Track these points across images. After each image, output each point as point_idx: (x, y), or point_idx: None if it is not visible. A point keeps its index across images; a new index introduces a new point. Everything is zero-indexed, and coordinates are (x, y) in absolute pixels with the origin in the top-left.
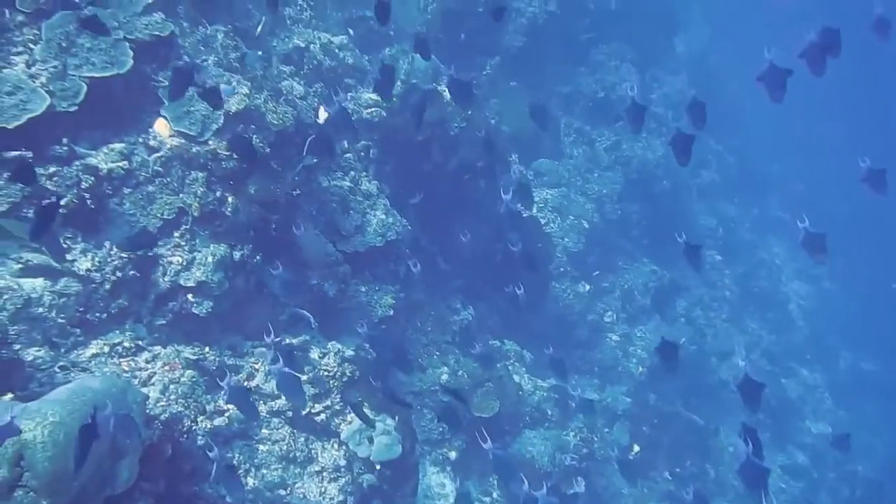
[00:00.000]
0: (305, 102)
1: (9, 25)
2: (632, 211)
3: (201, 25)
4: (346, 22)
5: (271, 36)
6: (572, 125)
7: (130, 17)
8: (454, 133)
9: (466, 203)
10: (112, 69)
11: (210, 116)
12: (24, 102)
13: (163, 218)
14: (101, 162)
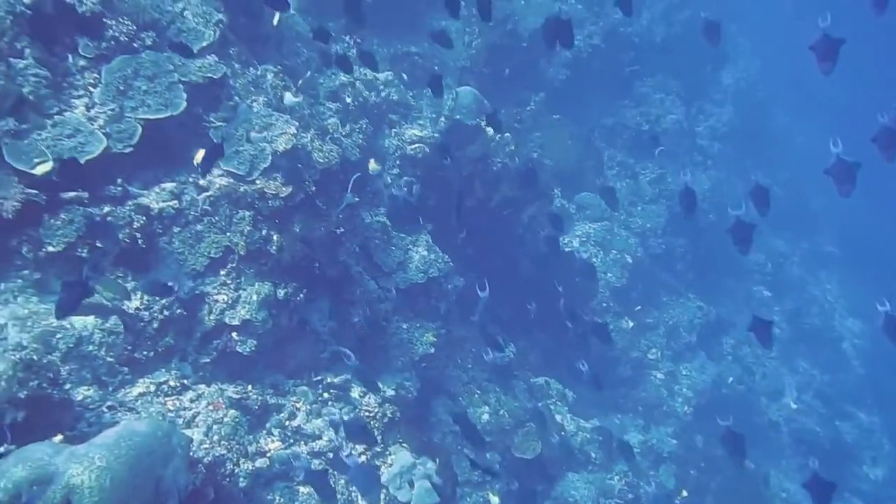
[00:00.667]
0: (350, 140)
1: (71, 70)
2: (676, 245)
3: (252, 66)
4: (392, 58)
5: (318, 73)
6: (615, 158)
7: (185, 61)
8: (497, 168)
9: (509, 238)
10: (166, 111)
11: (258, 156)
12: (82, 145)
13: (210, 256)
14: (152, 201)
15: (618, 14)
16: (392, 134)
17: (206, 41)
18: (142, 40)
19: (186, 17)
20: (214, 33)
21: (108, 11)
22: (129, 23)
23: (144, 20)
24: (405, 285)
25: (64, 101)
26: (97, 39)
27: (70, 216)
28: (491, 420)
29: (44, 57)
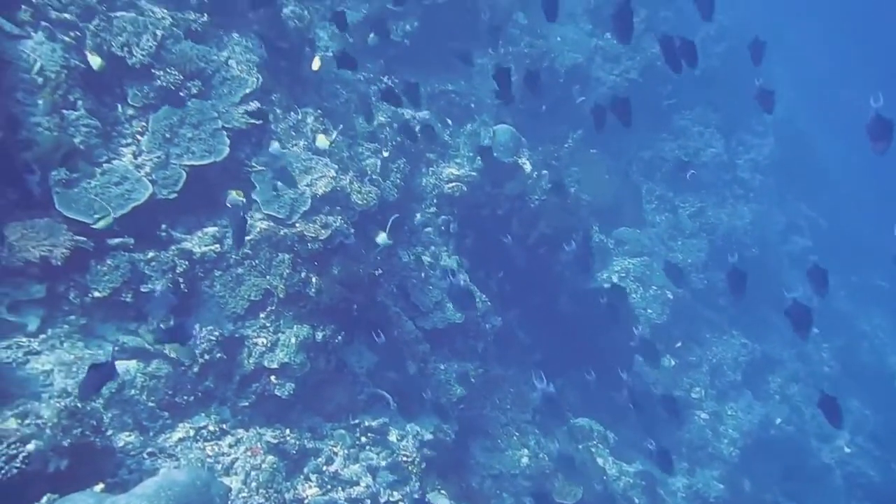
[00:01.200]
0: (389, 181)
1: (120, 119)
2: (718, 280)
3: (293, 111)
4: (429, 97)
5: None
6: (654, 191)
7: (229, 107)
8: (534, 206)
9: (547, 275)
10: (210, 157)
11: (298, 200)
12: (129, 192)
13: (250, 300)
14: (195, 246)
15: (654, 48)
16: (429, 173)
17: (249, 88)
18: (188, 89)
19: (231, 66)
20: (257, 80)
21: (156, 62)
22: (177, 72)
23: (190, 69)
24: (443, 325)
25: (113, 150)
26: (146, 89)
27: (116, 262)
28: (531, 464)
29: (95, 107)
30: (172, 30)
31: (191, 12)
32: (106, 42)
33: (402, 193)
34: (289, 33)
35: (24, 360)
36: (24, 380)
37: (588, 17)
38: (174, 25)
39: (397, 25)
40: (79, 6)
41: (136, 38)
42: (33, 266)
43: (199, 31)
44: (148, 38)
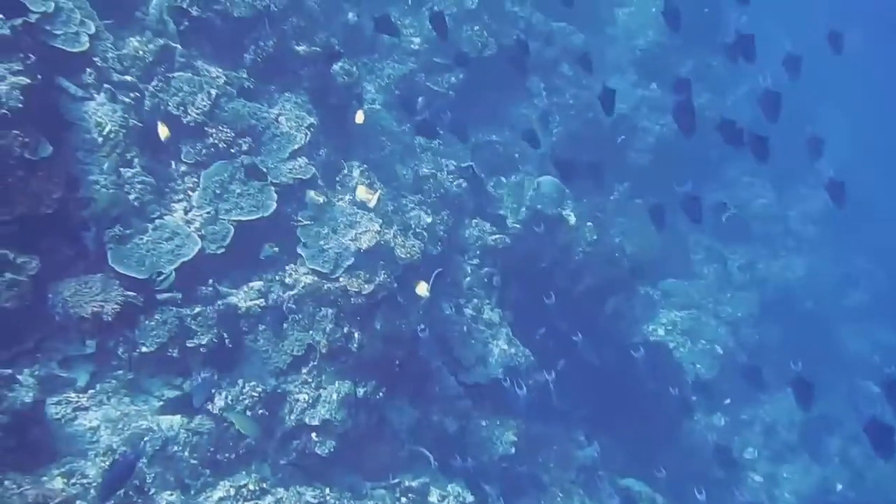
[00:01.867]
0: (432, 234)
1: (174, 175)
2: (771, 335)
3: (339, 166)
4: (473, 147)
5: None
6: (702, 243)
7: (277, 163)
8: (579, 258)
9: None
10: (258, 212)
11: (342, 254)
12: (178, 248)
13: (293, 354)
14: (240, 301)
15: (702, 97)
16: (473, 224)
17: (298, 144)
18: (239, 146)
19: (280, 122)
20: (305, 136)
21: (210, 120)
22: (228, 130)
23: (242, 127)
24: (485, 380)
25: (165, 205)
26: (199, 146)
27: (164, 317)
28: None
29: (150, 164)
30: (226, 88)
31: (244, 70)
32: (163, 102)
33: (445, 245)
34: (337, 88)
35: (72, 417)
36: (72, 437)
37: (634, 69)
38: (228, 84)
39: (443, 77)
40: (139, 68)
41: (191, 97)
42: (86, 321)
43: (251, 88)
44: (203, 97)
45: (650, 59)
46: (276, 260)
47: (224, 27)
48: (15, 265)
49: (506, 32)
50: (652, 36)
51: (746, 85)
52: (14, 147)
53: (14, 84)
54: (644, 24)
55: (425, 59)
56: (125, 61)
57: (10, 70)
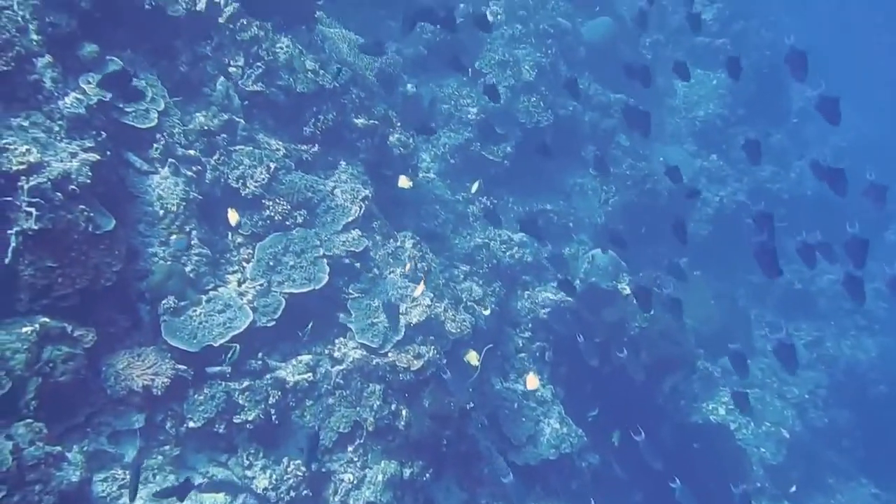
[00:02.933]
0: (482, 308)
1: (230, 247)
2: (841, 418)
3: (392, 238)
4: (526, 214)
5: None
6: (764, 318)
7: (331, 235)
8: (634, 333)
9: (648, 409)
10: (309, 285)
11: (392, 328)
12: (230, 320)
13: (339, 432)
14: (288, 374)
15: (764, 171)
16: (525, 296)
17: (352, 216)
18: (294, 218)
19: (336, 195)
20: (360, 209)
21: (267, 193)
22: (285, 202)
23: (298, 199)
24: (536, 461)
25: (220, 277)
26: (255, 218)
27: (212, 391)
28: None
29: (207, 236)
30: (285, 161)
31: (303, 143)
32: (223, 175)
33: (496, 318)
34: (393, 160)
35: (117, 496)
36: None
37: (693, 139)
38: (287, 156)
39: (498, 147)
40: (203, 142)
41: (251, 170)
42: (135, 395)
43: (309, 160)
44: (261, 170)
45: (710, 130)
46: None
47: (287, 101)
48: (72, 338)
49: (562, 103)
50: (712, 108)
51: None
52: (80, 222)
53: (84, 161)
54: (705, 96)
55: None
56: (190, 136)
57: (82, 147)
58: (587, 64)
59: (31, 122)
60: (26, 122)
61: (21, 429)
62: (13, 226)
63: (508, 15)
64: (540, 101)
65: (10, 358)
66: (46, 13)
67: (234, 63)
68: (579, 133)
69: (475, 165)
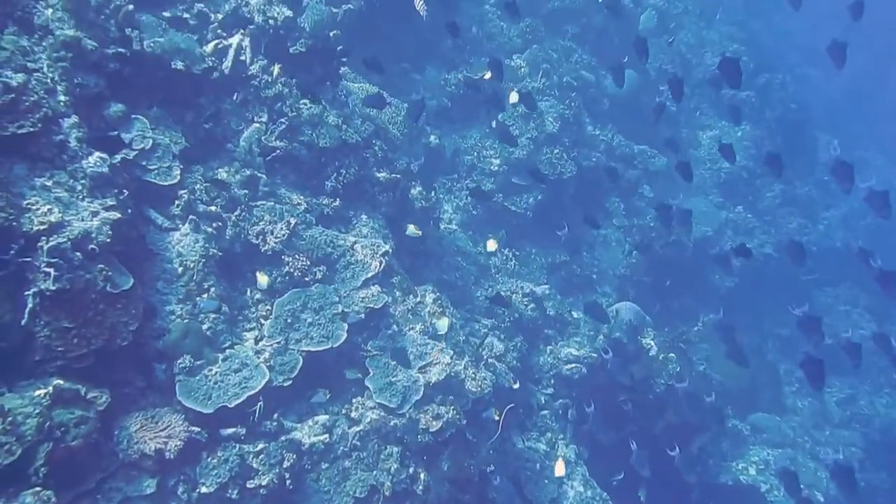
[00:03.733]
0: (503, 365)
1: (248, 303)
2: (878, 481)
3: (412, 294)
4: (549, 267)
5: (476, 285)
6: (794, 374)
7: (350, 291)
8: (660, 391)
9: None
10: (327, 343)
11: (410, 388)
12: (246, 379)
13: (355, 496)
14: (304, 436)
15: (792, 223)
16: (547, 351)
17: (371, 272)
18: (313, 274)
19: (356, 250)
20: (380, 265)
21: (287, 249)
22: (305, 258)
23: (318, 255)
24: None
25: (237, 334)
26: (274, 274)
27: (226, 454)
28: None
29: (226, 293)
30: (305, 216)
31: (325, 197)
32: (244, 231)
33: (517, 374)
34: (414, 213)
35: None
36: None
37: (719, 191)
38: (308, 211)
39: (521, 198)
40: (224, 198)
41: (271, 226)
42: (148, 458)
43: (330, 214)
44: (282, 226)
45: (736, 181)
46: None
47: (309, 156)
48: (85, 400)
49: (585, 155)
50: (738, 159)
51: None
52: (98, 281)
53: (105, 219)
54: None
55: (503, 179)
56: (212, 192)
57: (103, 205)
58: (611, 116)
59: (54, 181)
60: (50, 181)
61: (29, 497)
62: (31, 286)
63: (532, 68)
64: (563, 152)
65: (21, 423)
66: (76, 74)
67: (258, 119)
68: (603, 184)
69: (498, 216)
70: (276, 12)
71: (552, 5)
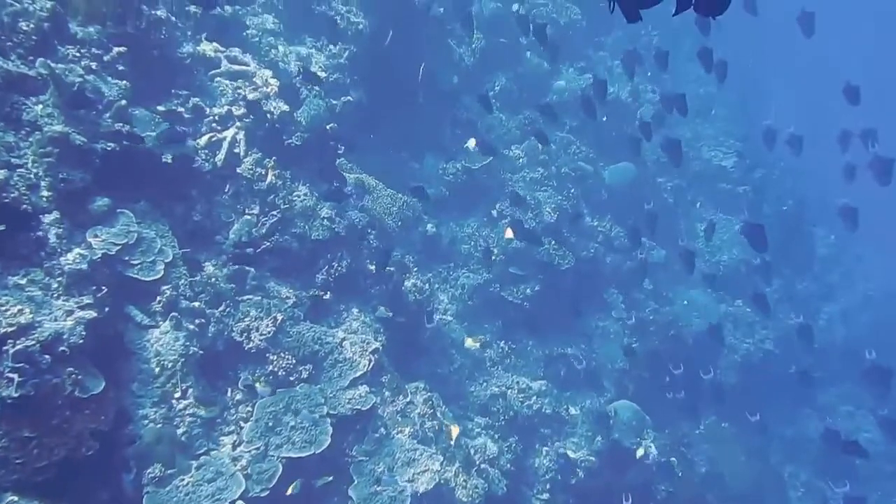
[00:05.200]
0: (496, 470)
1: (228, 404)
2: None
3: (402, 394)
4: (546, 360)
5: (470, 380)
6: (799, 476)
7: (336, 391)
8: (661, 497)
9: None
10: (310, 448)
11: (397, 498)
12: (220, 490)
13: None
14: None
15: (792, 318)
16: (543, 452)
17: (360, 371)
18: (299, 373)
19: (345, 347)
20: (369, 363)
21: (272, 346)
22: (290, 357)
23: (304, 353)
24: None
25: (214, 439)
26: (258, 373)
27: None
28: None
29: (205, 394)
30: (293, 311)
31: (315, 290)
32: (228, 327)
33: (511, 479)
34: (408, 306)
35: None
36: None
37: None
38: (297, 304)
39: (518, 288)
40: (210, 293)
41: (256, 322)
42: None
43: (320, 307)
44: (268, 322)
45: (734, 275)
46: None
47: (300, 248)
48: None
49: (583, 245)
50: (736, 253)
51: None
52: (66, 385)
53: (79, 319)
54: (727, 240)
55: (501, 269)
56: (197, 287)
57: (80, 304)
58: (609, 206)
59: (28, 279)
60: (24, 279)
61: None
62: None
63: (530, 158)
64: (561, 244)
65: None
66: (62, 169)
67: (249, 211)
68: (601, 275)
69: (494, 307)
70: (273, 106)
71: (551, 99)
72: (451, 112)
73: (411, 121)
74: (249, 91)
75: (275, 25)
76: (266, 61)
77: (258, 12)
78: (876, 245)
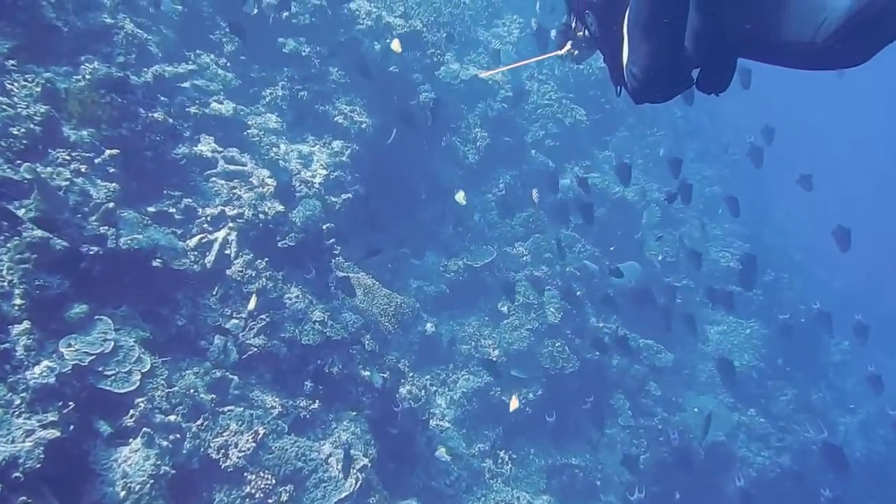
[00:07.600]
0: None
1: None
2: None
3: None
4: (549, 470)
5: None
6: None
7: None
8: None
9: None
10: None
11: None
12: None
13: None
14: None
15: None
16: None
17: (346, 492)
18: (278, 495)
19: (331, 464)
20: (356, 482)
21: (251, 465)
22: (269, 476)
23: (286, 472)
24: None
25: None
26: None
27: None
28: None
29: None
30: (277, 423)
31: (303, 399)
32: (204, 443)
33: None
34: (402, 416)
35: None
36: None
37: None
38: (282, 415)
39: (520, 392)
40: (188, 405)
41: (236, 437)
42: None
43: (308, 417)
44: (248, 437)
45: (746, 381)
46: None
47: (289, 353)
48: None
49: (588, 348)
50: (748, 359)
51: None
52: None
53: (39, 440)
54: (738, 345)
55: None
56: (174, 398)
57: (42, 422)
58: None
59: None
60: None
61: None
62: None
63: (534, 256)
64: (565, 345)
65: None
66: (38, 276)
67: (237, 315)
68: (607, 380)
69: (494, 412)
70: (268, 207)
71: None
72: (453, 208)
73: (413, 217)
74: (245, 191)
75: (277, 124)
76: (266, 160)
77: (261, 111)
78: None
